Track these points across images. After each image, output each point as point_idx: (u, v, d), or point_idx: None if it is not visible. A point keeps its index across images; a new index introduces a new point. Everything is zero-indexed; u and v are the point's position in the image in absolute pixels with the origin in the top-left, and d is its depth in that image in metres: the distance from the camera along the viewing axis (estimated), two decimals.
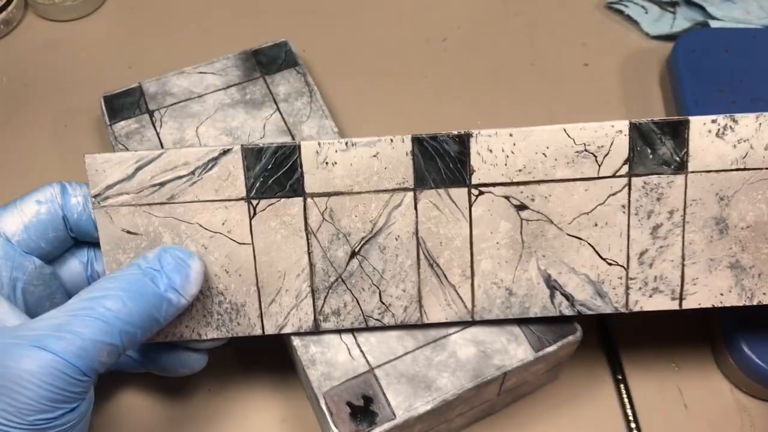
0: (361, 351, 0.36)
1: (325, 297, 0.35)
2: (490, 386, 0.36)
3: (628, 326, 0.44)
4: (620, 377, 0.42)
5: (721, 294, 0.35)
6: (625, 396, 0.41)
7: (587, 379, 0.42)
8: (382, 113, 0.53)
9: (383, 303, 0.35)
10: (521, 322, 0.36)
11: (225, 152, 0.33)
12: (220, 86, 0.47)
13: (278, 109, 0.46)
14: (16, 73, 0.56)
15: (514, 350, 0.36)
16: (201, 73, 0.48)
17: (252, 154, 0.33)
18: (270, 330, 0.35)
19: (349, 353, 0.36)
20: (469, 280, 0.35)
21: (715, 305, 0.35)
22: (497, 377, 0.35)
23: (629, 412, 0.41)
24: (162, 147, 0.44)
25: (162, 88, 0.47)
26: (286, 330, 0.35)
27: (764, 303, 0.35)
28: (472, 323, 0.36)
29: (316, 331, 0.35)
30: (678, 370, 0.43)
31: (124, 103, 0.46)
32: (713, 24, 0.56)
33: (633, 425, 0.40)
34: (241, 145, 0.33)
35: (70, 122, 0.53)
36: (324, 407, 0.34)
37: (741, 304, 0.35)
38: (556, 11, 0.59)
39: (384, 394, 0.35)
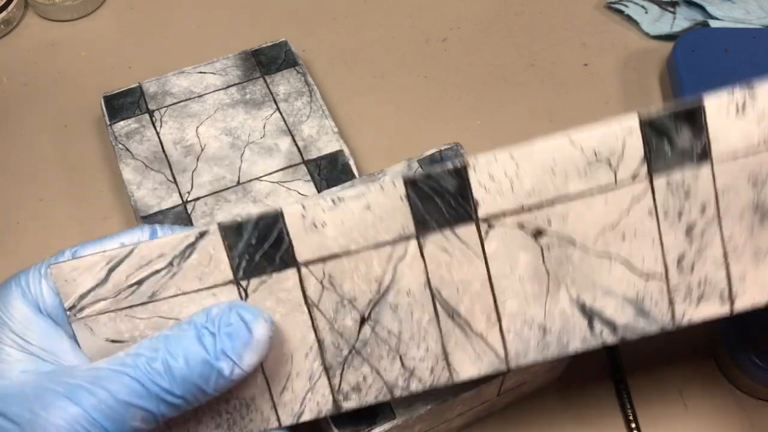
0: None
1: (341, 373, 0.31)
2: (490, 386, 0.36)
3: None
4: (620, 377, 0.42)
5: None
6: (625, 396, 0.41)
7: (587, 379, 0.42)
8: (382, 113, 0.53)
9: (406, 368, 0.31)
10: None
11: (201, 235, 0.30)
12: (220, 86, 0.47)
13: (278, 108, 0.46)
14: (16, 73, 0.56)
15: None
16: (201, 72, 0.48)
17: (232, 231, 0.30)
18: (287, 421, 0.31)
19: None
20: (496, 325, 0.31)
21: None
22: (497, 377, 0.35)
23: (629, 412, 0.41)
24: (162, 146, 0.44)
25: (162, 88, 0.47)
26: (305, 418, 0.31)
27: None
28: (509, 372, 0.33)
29: (338, 412, 0.31)
30: (678, 370, 0.43)
31: (124, 103, 0.46)
32: (713, 24, 0.56)
33: (633, 425, 0.40)
34: (218, 224, 0.30)
35: (70, 122, 0.53)
36: None
37: None
38: (556, 11, 0.59)
39: None
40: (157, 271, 0.30)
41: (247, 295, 0.30)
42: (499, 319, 0.31)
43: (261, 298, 0.30)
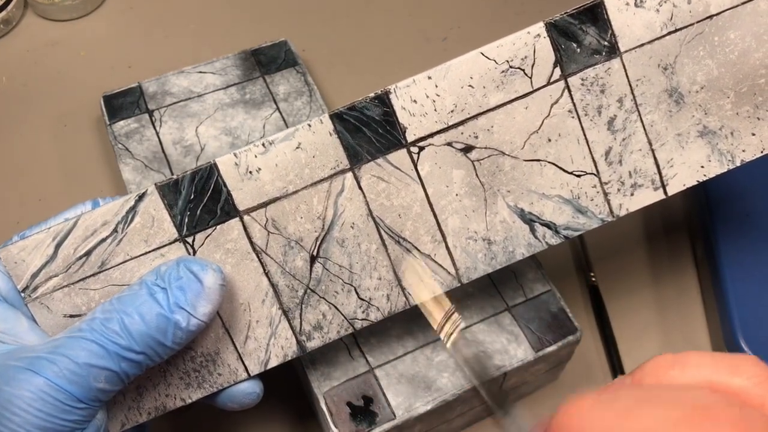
0: (361, 351, 0.36)
1: (300, 314, 0.32)
2: (490, 386, 0.36)
3: (628, 326, 0.44)
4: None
5: (702, 167, 0.33)
6: None
7: (587, 379, 0.42)
8: None
9: (363, 299, 0.32)
10: (521, 323, 0.36)
11: (140, 197, 0.30)
12: (219, 86, 0.47)
13: (278, 108, 0.46)
14: (16, 73, 0.56)
15: (515, 350, 0.36)
16: (201, 72, 0.48)
17: (170, 189, 0.30)
18: (255, 369, 0.32)
19: (349, 353, 0.36)
20: (442, 243, 0.32)
21: (700, 180, 0.33)
22: (497, 377, 0.35)
23: None
24: (162, 146, 0.44)
25: (161, 88, 0.47)
26: (272, 363, 0.32)
27: (747, 160, 0.33)
28: (462, 288, 0.33)
29: (304, 353, 0.32)
30: None
31: (124, 103, 0.46)
32: None
33: None
34: (155, 184, 0.30)
35: (70, 122, 0.53)
36: (324, 407, 0.34)
37: (726, 170, 0.33)
38: (556, 11, 0.59)
39: (384, 394, 0.35)
40: (104, 240, 0.30)
41: (194, 251, 0.31)
42: (444, 238, 0.32)
43: (209, 252, 0.31)
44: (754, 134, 0.33)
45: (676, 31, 0.32)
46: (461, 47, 0.31)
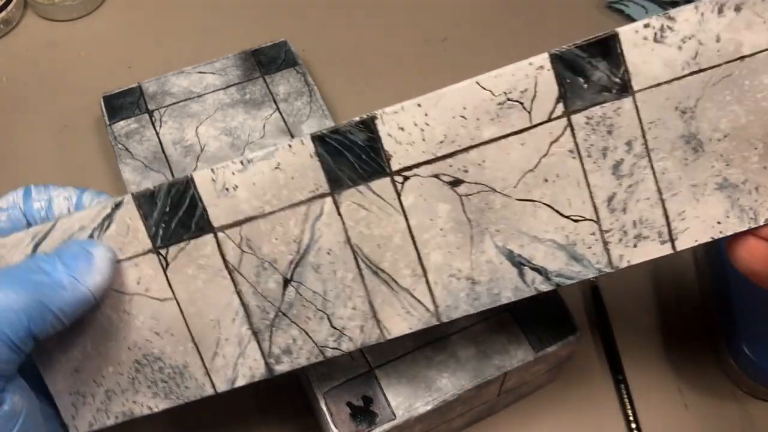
0: (361, 351, 0.36)
1: (270, 336, 0.31)
2: (490, 386, 0.36)
3: (628, 326, 0.44)
4: (620, 377, 0.42)
5: (718, 222, 0.29)
6: (625, 396, 0.41)
7: (587, 379, 0.42)
8: None
9: (335, 328, 0.31)
10: (521, 323, 0.36)
11: (117, 206, 0.30)
12: (219, 86, 0.47)
13: (278, 108, 0.46)
14: (16, 73, 0.56)
15: (515, 350, 0.36)
16: (201, 72, 0.48)
17: (146, 200, 0.30)
18: (222, 387, 0.31)
19: (349, 353, 0.36)
20: (422, 278, 0.30)
21: (715, 237, 0.29)
22: (497, 377, 0.35)
23: (629, 412, 0.41)
24: (162, 147, 0.44)
25: (161, 88, 0.47)
26: (239, 383, 0.31)
27: None
28: (443, 327, 0.31)
29: (272, 376, 0.31)
30: (678, 370, 0.43)
31: (124, 103, 0.46)
32: None
33: (633, 425, 0.40)
34: (131, 193, 0.30)
35: (70, 122, 0.53)
36: (324, 407, 0.34)
37: (746, 228, 0.29)
38: (556, 11, 0.59)
39: (384, 394, 0.35)
40: None
41: (167, 263, 0.30)
42: (425, 273, 0.30)
43: (181, 266, 0.30)
44: None
45: (700, 71, 0.28)
46: (461, 48, 0.30)
